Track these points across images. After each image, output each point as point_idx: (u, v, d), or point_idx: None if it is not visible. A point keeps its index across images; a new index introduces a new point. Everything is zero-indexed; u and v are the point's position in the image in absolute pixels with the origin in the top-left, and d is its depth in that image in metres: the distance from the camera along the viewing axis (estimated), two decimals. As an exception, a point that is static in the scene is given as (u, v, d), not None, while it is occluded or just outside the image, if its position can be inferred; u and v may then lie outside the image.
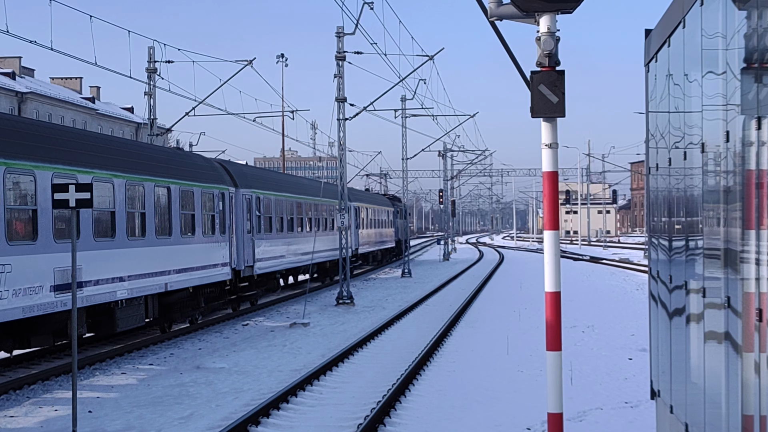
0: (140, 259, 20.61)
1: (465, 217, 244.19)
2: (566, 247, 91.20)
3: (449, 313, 27.30)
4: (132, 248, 20.31)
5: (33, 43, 27.09)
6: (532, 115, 8.37)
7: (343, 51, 32.69)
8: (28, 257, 15.98)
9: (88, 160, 18.48)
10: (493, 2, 8.58)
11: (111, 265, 19.22)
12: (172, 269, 22.39)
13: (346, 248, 33.60)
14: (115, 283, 19.35)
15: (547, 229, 8.52)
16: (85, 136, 20.00)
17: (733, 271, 5.47)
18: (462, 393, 14.66)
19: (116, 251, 19.49)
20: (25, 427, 12.99)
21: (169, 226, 22.43)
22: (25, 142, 16.42)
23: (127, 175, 20.08)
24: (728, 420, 5.65)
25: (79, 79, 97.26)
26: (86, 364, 18.37)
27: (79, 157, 18.12)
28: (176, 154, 25.26)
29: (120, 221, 19.73)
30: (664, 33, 8.10)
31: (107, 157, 19.53)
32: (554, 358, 8.42)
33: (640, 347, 19.10)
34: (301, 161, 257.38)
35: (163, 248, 21.98)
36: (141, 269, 20.61)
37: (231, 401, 14.47)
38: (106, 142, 20.82)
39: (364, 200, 50.36)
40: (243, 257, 27.49)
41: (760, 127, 4.88)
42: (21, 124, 17.26)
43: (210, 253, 24.90)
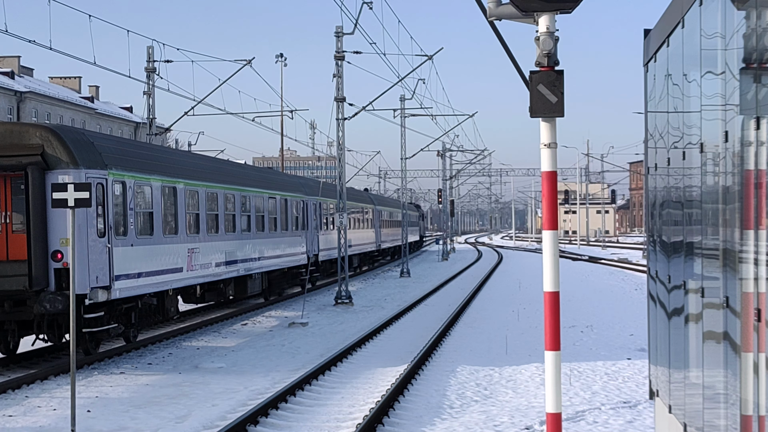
0: (262, 246, 29.43)
1: (464, 216, 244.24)
2: (565, 247, 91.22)
3: (448, 312, 27.30)
4: (258, 239, 29.15)
5: (32, 42, 27.07)
6: (531, 115, 8.37)
7: (342, 51, 32.69)
8: (208, 243, 24.50)
9: (233, 181, 27.29)
10: (492, 2, 8.58)
11: (248, 250, 28.04)
12: (277, 254, 31.42)
13: (345, 247, 33.60)
14: (249, 263, 28.13)
15: (546, 228, 8.51)
16: (227, 164, 30.69)
17: (731, 271, 5.47)
18: (461, 393, 14.67)
19: (251, 241, 28.34)
20: (24, 427, 12.98)
21: (275, 224, 31.41)
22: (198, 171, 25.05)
23: (253, 189, 29.36)
24: (727, 420, 5.66)
25: (78, 79, 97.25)
26: (85, 364, 18.37)
27: (225, 179, 26.75)
28: (276, 173, 36.36)
29: (252, 220, 28.56)
30: (663, 33, 8.10)
31: (238, 179, 28.20)
32: (553, 358, 8.42)
33: (639, 347, 19.10)
34: (300, 161, 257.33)
35: (273, 239, 30.98)
36: (263, 254, 29.50)
37: (228, 401, 14.46)
38: (236, 167, 30.23)
39: (395, 206, 65.64)
40: (312, 247, 36.39)
41: (759, 127, 4.88)
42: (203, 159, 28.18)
43: (296, 244, 34.14)
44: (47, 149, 17.71)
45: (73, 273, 12.87)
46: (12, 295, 17.60)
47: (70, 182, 14.36)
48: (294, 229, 33.89)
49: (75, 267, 13.02)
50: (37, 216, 17.40)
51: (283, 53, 68.93)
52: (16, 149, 17.64)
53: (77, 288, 16.91)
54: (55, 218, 17.51)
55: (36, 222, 17.39)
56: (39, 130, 17.99)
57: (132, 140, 25.21)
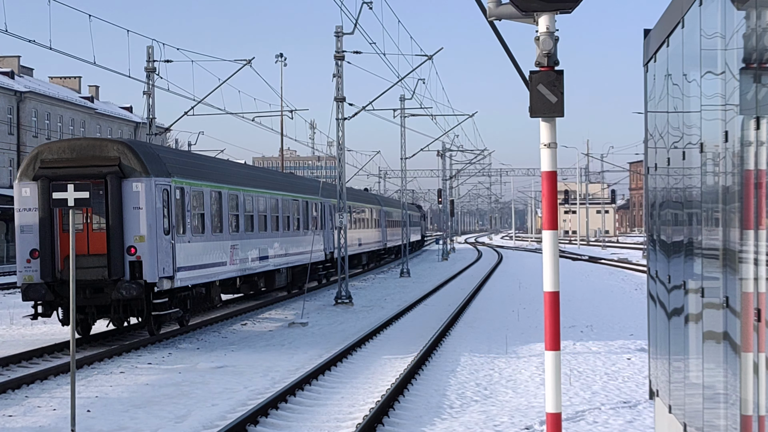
0: (288, 244, 32.86)
1: (464, 216, 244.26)
2: (565, 247, 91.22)
3: (448, 312, 27.30)
4: (285, 237, 32.76)
5: (32, 42, 27.07)
6: (531, 115, 8.37)
7: (342, 51, 32.68)
8: (246, 241, 27.97)
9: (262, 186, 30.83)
10: (492, 2, 8.58)
11: (277, 247, 31.54)
12: (300, 251, 34.53)
13: (345, 247, 33.59)
14: (277, 258, 31.61)
15: (546, 228, 8.51)
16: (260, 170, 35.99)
17: (731, 271, 5.47)
18: (461, 392, 14.66)
19: (279, 239, 31.86)
20: (24, 427, 12.98)
21: (298, 224, 35.00)
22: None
23: (281, 192, 32.77)
24: (727, 420, 5.66)
25: (78, 79, 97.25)
26: (84, 364, 18.38)
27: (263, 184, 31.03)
28: (297, 177, 40.13)
29: (280, 221, 32.33)
30: (663, 33, 8.10)
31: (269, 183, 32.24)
32: (553, 358, 8.42)
33: (639, 347, 19.11)
34: (299, 161, 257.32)
35: (297, 238, 34.50)
36: (288, 251, 32.85)
37: (228, 401, 14.46)
38: (267, 173, 35.14)
39: (399, 207, 67.25)
40: (328, 245, 39.85)
41: (759, 127, 4.88)
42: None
43: (316, 243, 37.07)
44: (123, 161, 20.90)
45: (72, 274, 12.86)
46: (92, 284, 20.75)
47: (142, 189, 20.65)
48: (314, 229, 37.50)
49: (74, 269, 13.03)
50: (115, 217, 20.68)
51: (283, 53, 68.93)
52: (97, 161, 20.86)
53: (148, 277, 20.79)
54: (129, 218, 20.82)
55: (114, 222, 20.66)
56: (116, 144, 21.34)
57: (185, 152, 30.13)
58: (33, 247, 20.95)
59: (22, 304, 28.97)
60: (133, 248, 20.76)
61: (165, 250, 21.38)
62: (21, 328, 25.45)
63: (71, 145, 21.45)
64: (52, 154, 21.17)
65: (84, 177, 20.23)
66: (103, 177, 20.70)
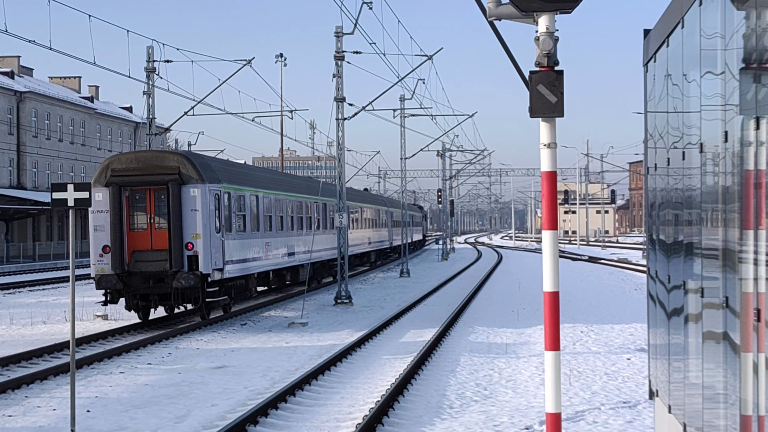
0: (310, 242, 35.46)
1: (463, 216, 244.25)
2: (565, 247, 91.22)
3: (447, 312, 27.30)
4: (308, 236, 35.68)
5: (32, 42, 27.07)
6: (530, 115, 8.37)
7: (341, 51, 32.68)
8: (277, 239, 31.38)
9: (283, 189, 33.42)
10: (492, 2, 8.58)
11: (301, 245, 34.73)
12: (320, 249, 37.88)
13: (344, 247, 33.60)
14: (302, 255, 34.68)
15: (546, 228, 8.51)
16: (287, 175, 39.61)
17: (731, 271, 5.47)
18: (460, 393, 14.66)
19: (303, 237, 35.05)
20: (24, 427, 12.98)
21: (318, 224, 38.22)
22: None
23: (305, 195, 36.28)
24: (726, 420, 5.65)
25: (78, 79, 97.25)
26: (84, 364, 18.38)
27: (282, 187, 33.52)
28: (316, 181, 41.90)
29: (304, 221, 35.69)
30: (663, 33, 8.10)
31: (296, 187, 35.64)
32: (553, 358, 8.42)
33: (639, 347, 19.11)
34: (299, 161, 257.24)
35: (318, 236, 37.44)
36: (310, 248, 35.27)
37: (228, 401, 14.46)
38: (293, 178, 38.98)
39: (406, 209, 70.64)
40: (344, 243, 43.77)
41: (759, 127, 4.88)
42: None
43: (333, 241, 39.82)
44: (182, 170, 24.20)
45: (72, 274, 12.86)
46: (155, 275, 24.11)
47: (198, 194, 24.08)
48: (331, 228, 40.70)
49: (73, 272, 13.03)
50: (175, 217, 23.92)
51: (283, 53, 68.87)
52: (160, 170, 24.14)
53: (203, 269, 24.13)
54: (187, 219, 24.11)
55: (174, 222, 23.91)
56: (176, 156, 24.78)
57: (229, 161, 33.57)
58: (105, 243, 24.29)
59: (25, 304, 30.85)
60: (190, 244, 24.11)
61: (216, 246, 24.80)
62: (21, 328, 25.46)
63: (137, 156, 24.78)
64: (121, 164, 24.47)
65: (148, 184, 24.14)
66: (165, 184, 24.03)
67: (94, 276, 24.32)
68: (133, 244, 24.39)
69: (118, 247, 24.02)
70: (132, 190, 24.54)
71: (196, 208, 24.15)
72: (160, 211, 24.36)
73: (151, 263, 24.16)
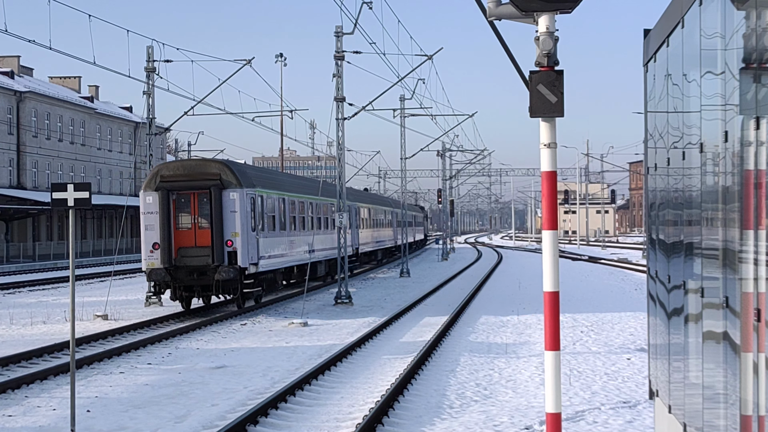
0: (327, 240, 39.33)
1: (463, 216, 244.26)
2: (565, 247, 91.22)
3: (447, 312, 27.30)
4: (325, 235, 39.22)
5: (32, 42, 27.07)
6: (530, 115, 8.37)
7: (341, 50, 32.68)
8: (299, 237, 34.50)
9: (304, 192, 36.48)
10: (492, 2, 8.58)
11: (319, 243, 37.94)
12: (335, 246, 39.29)
13: (344, 247, 33.61)
14: (319, 252, 37.89)
15: (546, 228, 8.51)
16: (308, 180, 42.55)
17: (731, 271, 5.47)
18: (461, 392, 14.66)
19: (321, 236, 38.49)
20: (24, 427, 12.98)
21: (333, 224, 40.51)
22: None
23: (322, 198, 38.80)
24: (726, 420, 5.65)
25: (78, 78, 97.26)
26: (84, 364, 18.38)
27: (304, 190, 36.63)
28: (332, 184, 44.00)
29: (322, 221, 39.07)
30: (663, 33, 8.10)
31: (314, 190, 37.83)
32: (553, 358, 8.41)
33: (639, 347, 19.11)
34: (299, 161, 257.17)
35: (333, 235, 39.76)
36: (326, 246, 39.30)
37: (228, 401, 14.46)
38: (312, 182, 40.84)
39: (408, 209, 73.80)
40: (354, 242, 47.01)
41: (759, 127, 4.88)
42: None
43: (347, 239, 41.27)
44: (223, 176, 27.40)
45: (72, 275, 12.85)
46: (198, 269, 27.16)
47: (237, 197, 27.23)
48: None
49: (74, 276, 13.03)
50: (217, 218, 27.04)
51: (282, 53, 68.82)
52: (203, 176, 27.35)
53: (241, 263, 27.19)
54: (227, 219, 27.18)
55: (216, 222, 27.03)
56: (217, 164, 28.14)
57: (261, 167, 36.96)
58: (155, 240, 27.28)
59: (25, 303, 31.38)
60: (230, 241, 27.16)
61: (252, 243, 27.93)
62: (21, 328, 25.46)
63: (183, 164, 28.30)
64: (168, 171, 27.63)
65: (193, 188, 27.34)
66: (208, 188, 27.16)
67: (145, 269, 27.48)
68: (179, 242, 27.51)
69: (166, 244, 27.11)
70: (178, 194, 27.62)
71: (235, 209, 27.31)
72: (202, 213, 27.47)
73: (195, 258, 27.28)
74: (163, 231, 27.12)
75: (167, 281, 27.33)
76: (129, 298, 34.96)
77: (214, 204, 27.02)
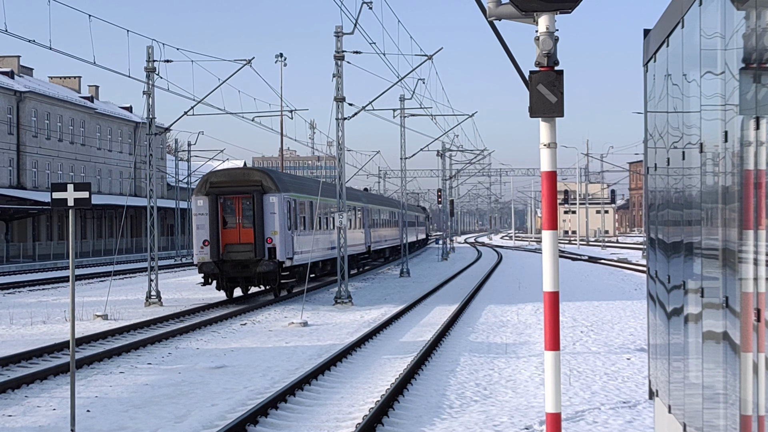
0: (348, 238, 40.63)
1: (463, 216, 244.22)
2: (565, 247, 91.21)
3: (447, 312, 27.30)
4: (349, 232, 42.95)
5: (32, 42, 27.06)
6: (530, 115, 8.37)
7: (341, 51, 32.67)
8: (323, 236, 38.64)
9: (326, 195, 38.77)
10: (492, 2, 8.58)
11: (348, 238, 40.15)
12: (351, 244, 43.64)
13: (344, 247, 33.61)
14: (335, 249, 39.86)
15: (546, 228, 8.51)
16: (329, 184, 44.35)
17: (731, 271, 5.47)
18: (460, 393, 14.66)
19: (350, 233, 43.41)
20: (24, 426, 12.98)
21: (350, 223, 44.89)
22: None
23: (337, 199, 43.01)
24: (726, 420, 5.66)
25: (78, 78, 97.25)
26: (84, 364, 18.38)
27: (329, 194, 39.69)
28: (349, 188, 47.54)
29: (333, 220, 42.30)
30: (663, 33, 8.10)
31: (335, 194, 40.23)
32: (553, 358, 8.41)
33: (639, 347, 19.11)
34: (299, 161, 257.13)
35: (350, 234, 43.47)
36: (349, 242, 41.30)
37: (228, 401, 14.46)
38: (332, 186, 42.37)
39: (410, 210, 78.02)
40: (367, 240, 52.01)
41: (759, 127, 4.88)
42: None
43: (361, 238, 49.56)
44: (264, 183, 31.88)
45: (72, 274, 12.85)
46: (242, 263, 31.36)
47: (276, 201, 31.63)
48: (360, 228, 49.48)
49: (73, 275, 13.03)
50: (259, 218, 31.39)
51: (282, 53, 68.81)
52: (247, 183, 31.88)
53: (280, 257, 31.50)
54: (268, 219, 31.49)
55: (258, 221, 31.38)
56: (259, 172, 32.80)
57: (294, 174, 40.99)
58: (205, 238, 31.38)
59: (25, 303, 31.79)
60: (270, 239, 31.43)
61: (288, 240, 32.17)
62: (21, 328, 25.46)
63: (229, 172, 32.86)
64: (217, 178, 32.19)
65: (238, 193, 31.59)
66: (251, 193, 31.47)
67: (197, 263, 31.61)
68: (226, 239, 31.60)
69: (215, 240, 31.21)
70: (225, 198, 31.72)
71: (274, 211, 31.59)
72: (245, 214, 31.67)
73: (239, 253, 31.36)
74: (212, 230, 31.19)
75: (215, 273, 31.23)
76: (129, 298, 34.97)
77: (256, 206, 31.24)
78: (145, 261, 64.66)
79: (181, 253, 78.04)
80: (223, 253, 31.30)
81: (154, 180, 34.69)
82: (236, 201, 31.77)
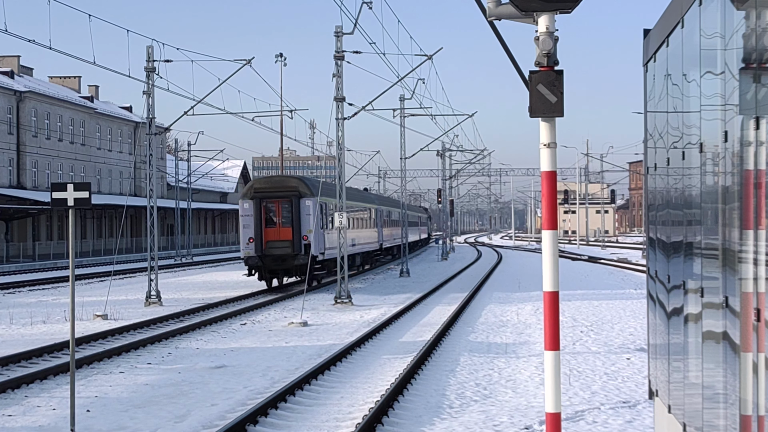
0: (363, 236, 49.38)
1: (463, 216, 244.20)
2: (564, 247, 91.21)
3: (447, 312, 27.30)
4: (359, 232, 48.64)
5: (32, 42, 27.07)
6: (530, 115, 8.37)
7: (341, 50, 32.67)
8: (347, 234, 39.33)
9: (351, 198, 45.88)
10: (492, 2, 8.58)
11: (356, 239, 47.64)
12: (367, 242, 51.54)
13: (345, 247, 33.63)
14: (356, 246, 47.27)
15: (546, 228, 8.51)
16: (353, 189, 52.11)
17: (731, 271, 5.47)
18: (460, 392, 14.67)
19: (359, 232, 48.56)
20: (24, 426, 12.98)
21: (365, 223, 50.82)
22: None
23: (361, 203, 50.24)
24: (726, 420, 5.66)
25: (78, 78, 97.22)
26: (84, 364, 18.37)
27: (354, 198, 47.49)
28: (365, 191, 58.53)
29: (361, 221, 49.57)
30: (663, 33, 8.10)
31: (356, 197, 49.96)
32: (553, 358, 8.41)
33: (639, 347, 19.11)
34: (299, 161, 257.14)
35: (368, 232, 51.63)
36: (361, 241, 48.91)
37: (227, 400, 14.46)
38: (354, 190, 52.09)
39: (413, 210, 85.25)
40: (380, 238, 57.35)
41: (759, 127, 4.89)
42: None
43: (376, 236, 55.27)
44: (300, 188, 37.24)
45: (72, 272, 12.85)
46: (281, 257, 36.52)
47: (311, 204, 36.82)
48: (373, 227, 54.29)
49: (73, 274, 13.03)
50: (296, 219, 36.62)
51: (282, 53, 68.79)
52: (285, 188, 37.19)
53: (314, 252, 36.15)
54: (303, 220, 36.60)
55: (295, 221, 36.61)
56: (296, 179, 38.18)
57: (323, 181, 42.61)
58: (250, 236, 36.42)
59: (25, 303, 31.68)
60: (305, 236, 36.49)
61: (320, 238, 37.36)
62: (21, 327, 25.46)
63: (271, 179, 38.03)
64: (260, 184, 37.51)
65: (278, 197, 36.80)
66: (290, 197, 36.78)
67: (243, 257, 36.74)
68: (267, 236, 36.66)
69: (258, 238, 36.36)
70: (267, 201, 36.82)
71: (309, 213, 36.74)
72: (283, 215, 36.79)
73: (279, 249, 36.49)
74: (257, 229, 36.40)
75: (259, 266, 36.56)
76: (129, 298, 34.98)
77: (293, 209, 36.59)
78: (145, 261, 64.62)
79: (181, 252, 78.02)
80: (265, 249, 36.27)
81: (154, 180, 34.69)
82: (276, 204, 36.90)
